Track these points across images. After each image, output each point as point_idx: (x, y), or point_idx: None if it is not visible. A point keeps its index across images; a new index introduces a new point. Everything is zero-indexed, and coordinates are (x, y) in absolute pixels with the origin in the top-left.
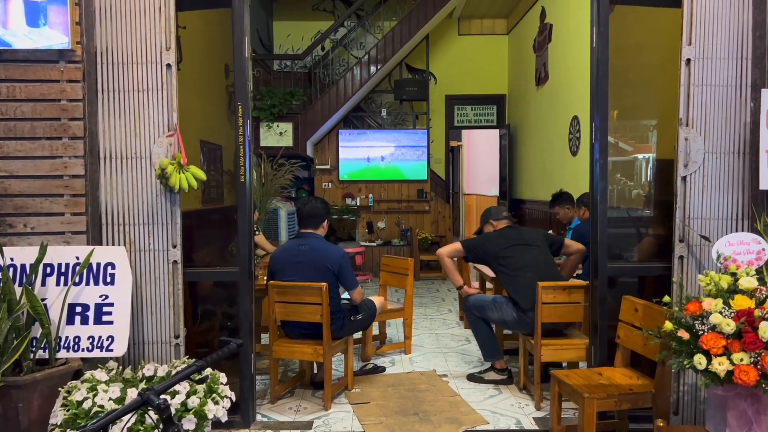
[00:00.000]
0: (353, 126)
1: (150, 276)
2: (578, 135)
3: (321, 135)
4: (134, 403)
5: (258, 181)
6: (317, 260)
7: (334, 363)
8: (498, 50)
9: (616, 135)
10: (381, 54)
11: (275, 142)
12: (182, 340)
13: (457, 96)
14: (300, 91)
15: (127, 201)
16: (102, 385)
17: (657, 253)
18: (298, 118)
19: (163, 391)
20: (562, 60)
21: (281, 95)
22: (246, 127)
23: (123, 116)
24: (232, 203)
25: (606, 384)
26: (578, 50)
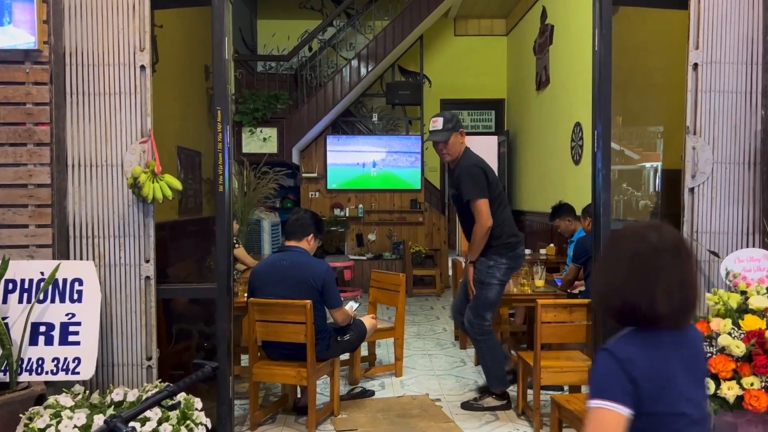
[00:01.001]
0: (342, 132)
1: (121, 293)
2: (581, 143)
3: (308, 141)
4: (100, 431)
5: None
6: (299, 276)
7: (319, 387)
8: (496, 52)
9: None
10: (372, 55)
11: (258, 148)
12: (155, 363)
13: (453, 100)
14: (285, 95)
15: (97, 212)
16: (66, 411)
17: None
18: (283, 122)
19: (132, 418)
20: (564, 63)
21: (265, 98)
22: (225, 133)
23: (93, 121)
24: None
25: None
26: (581, 53)
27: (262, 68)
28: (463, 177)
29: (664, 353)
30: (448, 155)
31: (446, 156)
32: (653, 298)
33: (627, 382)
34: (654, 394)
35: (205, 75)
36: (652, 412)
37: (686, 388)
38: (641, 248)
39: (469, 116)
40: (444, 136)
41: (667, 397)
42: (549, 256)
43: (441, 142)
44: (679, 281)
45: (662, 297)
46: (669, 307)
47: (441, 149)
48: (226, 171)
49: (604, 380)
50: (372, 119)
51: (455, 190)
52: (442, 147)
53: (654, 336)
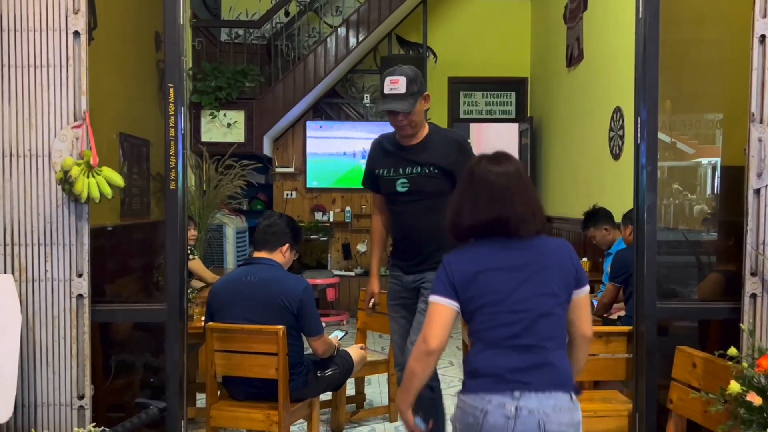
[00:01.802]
0: (326, 116)
1: (46, 314)
2: (621, 132)
3: (283, 128)
4: None
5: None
6: (271, 295)
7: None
8: (518, 20)
9: (674, 132)
10: (364, 22)
11: (221, 136)
12: (88, 402)
13: (464, 79)
14: (256, 69)
15: (18, 213)
16: None
17: (724, 289)
18: (252, 104)
19: None
20: (601, 34)
21: (230, 74)
22: (179, 117)
23: (14, 100)
24: (160, 218)
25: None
26: (622, 21)
27: (227, 37)
28: (459, 150)
29: (480, 255)
30: (410, 128)
31: (407, 129)
32: (462, 211)
33: (447, 280)
34: (464, 287)
35: (156, 44)
36: (465, 299)
37: (499, 284)
38: (467, 175)
39: (483, 99)
40: (408, 104)
41: (474, 289)
42: None
43: (402, 113)
44: (488, 197)
45: (468, 211)
46: (473, 219)
47: (401, 121)
48: (180, 164)
49: (436, 281)
50: (363, 101)
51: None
52: (402, 118)
53: (481, 245)
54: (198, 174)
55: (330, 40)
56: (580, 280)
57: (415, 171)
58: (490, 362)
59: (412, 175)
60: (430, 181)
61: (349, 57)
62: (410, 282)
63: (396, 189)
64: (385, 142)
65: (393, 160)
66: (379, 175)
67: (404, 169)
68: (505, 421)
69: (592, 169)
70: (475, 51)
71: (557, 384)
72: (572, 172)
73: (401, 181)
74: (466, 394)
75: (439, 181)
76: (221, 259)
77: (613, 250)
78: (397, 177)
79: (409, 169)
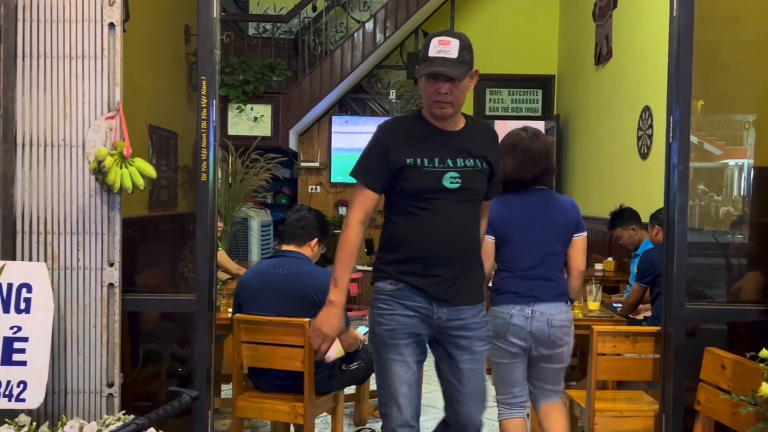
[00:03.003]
0: (351, 111)
1: (78, 303)
2: (650, 132)
3: (308, 123)
4: None
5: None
6: (297, 288)
7: (318, 426)
8: (546, 17)
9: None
10: (391, 17)
11: (248, 130)
12: (117, 390)
13: (490, 76)
14: (283, 64)
15: (51, 202)
16: None
17: (754, 291)
18: (279, 99)
19: None
20: (631, 32)
21: (258, 68)
22: (211, 109)
23: (49, 90)
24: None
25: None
26: (653, 19)
27: (255, 31)
28: (496, 144)
29: (512, 204)
30: (451, 107)
31: (447, 107)
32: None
33: (492, 224)
34: (501, 227)
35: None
36: (498, 235)
37: (523, 227)
38: (506, 143)
39: (509, 96)
40: (460, 72)
41: (504, 228)
42: (606, 272)
43: (451, 81)
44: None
45: (511, 170)
46: (510, 175)
47: (444, 94)
48: (211, 156)
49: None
50: (389, 97)
51: (482, 163)
52: (447, 90)
53: (513, 195)
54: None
55: (357, 35)
56: (579, 227)
57: (469, 164)
58: (513, 285)
59: (467, 169)
60: (481, 179)
61: (375, 53)
62: (444, 318)
63: (442, 185)
64: (411, 123)
65: (434, 146)
66: (409, 166)
67: (455, 161)
68: (525, 320)
69: (619, 168)
70: (502, 48)
71: (558, 296)
72: (598, 172)
73: (451, 175)
74: (497, 305)
75: (485, 180)
76: (246, 252)
77: (640, 250)
78: (445, 169)
79: (461, 161)
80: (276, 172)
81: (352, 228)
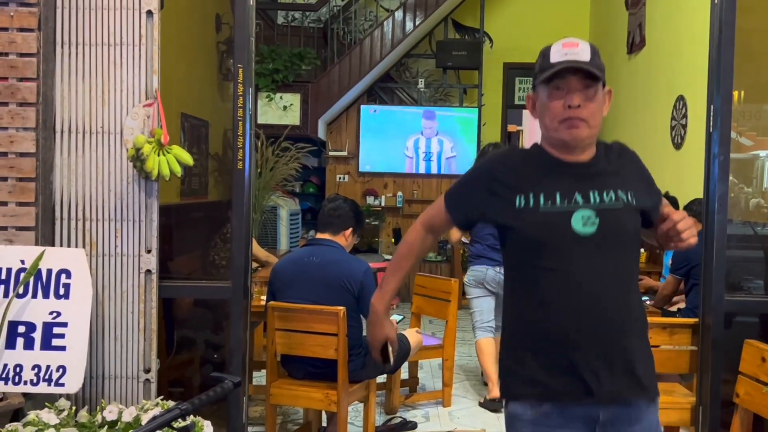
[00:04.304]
0: (380, 101)
1: (115, 289)
2: (684, 122)
3: (337, 112)
4: None
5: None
6: (332, 276)
7: (350, 414)
8: (577, 5)
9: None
10: (421, 6)
11: (278, 119)
12: (154, 376)
13: (520, 65)
14: (312, 53)
15: (89, 189)
16: (50, 429)
17: None
18: (308, 88)
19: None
20: (664, 20)
21: (287, 57)
22: (248, 98)
23: (88, 78)
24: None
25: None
26: (688, 7)
27: (284, 19)
28: (646, 171)
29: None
30: (586, 125)
31: (581, 125)
32: None
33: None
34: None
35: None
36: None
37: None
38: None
39: None
40: (599, 72)
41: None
42: None
43: (585, 89)
44: None
45: None
46: None
47: (575, 104)
48: (248, 144)
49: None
50: (418, 86)
51: (613, 196)
52: (582, 100)
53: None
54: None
55: (386, 24)
56: None
57: (609, 199)
58: (486, 253)
59: (606, 206)
60: (632, 219)
61: (404, 41)
62: (601, 416)
63: (572, 229)
64: (525, 154)
65: (557, 179)
66: (518, 207)
67: (587, 195)
68: (495, 274)
69: (652, 158)
70: (531, 36)
71: None
72: None
73: (584, 214)
74: (476, 266)
75: (638, 219)
76: (275, 240)
77: None
78: (573, 208)
79: (596, 195)
80: (304, 161)
81: (414, 228)
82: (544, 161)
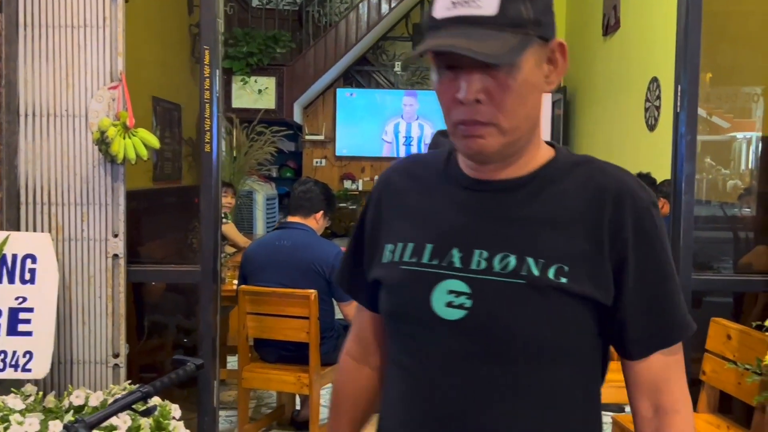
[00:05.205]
0: (356, 84)
1: (82, 273)
2: (658, 103)
3: (313, 95)
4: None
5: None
6: (303, 260)
7: (322, 397)
8: None
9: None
10: None
11: (252, 102)
12: (123, 361)
13: None
14: (287, 36)
15: (55, 173)
16: (16, 415)
17: (763, 263)
18: (283, 71)
19: (97, 424)
20: (639, 2)
21: (261, 40)
22: (214, 80)
23: (52, 60)
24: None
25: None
26: None
27: (259, 2)
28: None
29: None
30: (495, 130)
31: (480, 131)
32: None
33: None
34: None
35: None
36: None
37: None
38: None
39: None
40: (504, 45)
41: None
42: None
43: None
44: None
45: None
46: None
47: (469, 98)
48: (215, 127)
49: None
50: (394, 69)
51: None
52: (482, 87)
53: None
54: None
55: (362, 6)
56: None
57: (504, 267)
58: None
59: (492, 278)
60: (542, 311)
61: (380, 24)
62: None
63: (431, 308)
64: (427, 167)
65: (449, 213)
66: (389, 262)
67: (470, 251)
68: None
69: (627, 140)
70: None
71: None
72: (606, 144)
73: (451, 287)
74: None
75: (572, 309)
76: (251, 225)
77: None
78: (440, 272)
79: (485, 256)
80: (281, 146)
81: (340, 363)
82: (447, 178)
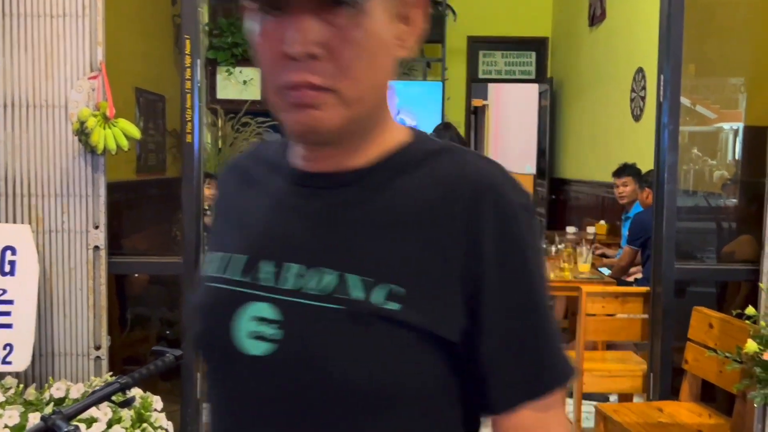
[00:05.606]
0: None
1: (63, 265)
2: (643, 94)
3: None
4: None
5: (213, 146)
6: None
7: None
8: None
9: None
10: None
11: (237, 93)
12: (105, 353)
13: (484, 38)
14: None
15: (34, 164)
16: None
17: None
18: None
19: (74, 416)
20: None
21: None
22: (196, 69)
23: (30, 50)
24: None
25: (668, 423)
26: None
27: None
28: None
29: None
30: (334, 99)
31: (309, 98)
32: None
33: None
34: None
35: None
36: None
37: None
38: None
39: (503, 59)
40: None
41: None
42: (598, 235)
43: (320, 7)
44: None
45: None
46: None
47: (308, 53)
48: (196, 117)
49: None
50: None
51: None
52: (319, 34)
53: None
54: (214, 131)
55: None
56: None
57: (324, 287)
58: None
59: (306, 298)
60: (374, 348)
61: None
62: None
63: (231, 339)
64: (257, 162)
65: (254, 223)
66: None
67: (281, 265)
68: None
69: (613, 131)
70: (495, 9)
71: None
72: (591, 134)
73: (256, 312)
74: None
75: (406, 345)
76: None
77: (632, 213)
78: (244, 293)
79: (301, 273)
80: (266, 137)
81: None
82: (278, 170)
